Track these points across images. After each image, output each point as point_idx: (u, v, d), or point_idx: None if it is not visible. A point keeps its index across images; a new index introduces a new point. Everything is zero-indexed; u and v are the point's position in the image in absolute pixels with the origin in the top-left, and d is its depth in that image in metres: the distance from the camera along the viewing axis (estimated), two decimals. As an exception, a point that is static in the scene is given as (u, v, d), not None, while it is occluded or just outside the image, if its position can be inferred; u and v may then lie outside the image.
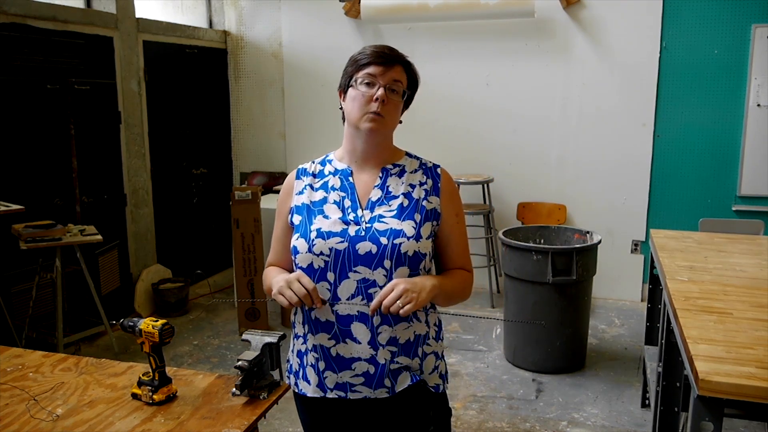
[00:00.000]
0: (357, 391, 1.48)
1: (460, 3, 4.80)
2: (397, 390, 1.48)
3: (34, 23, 3.86)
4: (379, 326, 1.45)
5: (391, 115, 1.49)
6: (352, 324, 1.45)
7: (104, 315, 3.91)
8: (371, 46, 1.50)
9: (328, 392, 1.50)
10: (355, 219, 1.48)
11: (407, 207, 1.50)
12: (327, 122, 5.43)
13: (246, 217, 4.24)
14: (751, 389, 1.47)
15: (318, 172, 1.58)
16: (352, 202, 1.50)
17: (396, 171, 1.55)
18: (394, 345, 1.47)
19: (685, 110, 4.65)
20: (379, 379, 1.47)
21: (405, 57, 1.52)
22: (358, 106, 1.47)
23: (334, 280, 1.45)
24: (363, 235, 1.45)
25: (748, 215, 4.47)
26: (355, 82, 1.47)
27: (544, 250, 3.53)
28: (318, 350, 1.49)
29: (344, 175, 1.55)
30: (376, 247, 1.43)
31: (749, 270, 2.45)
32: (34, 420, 1.39)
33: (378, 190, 1.52)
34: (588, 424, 3.15)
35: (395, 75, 1.47)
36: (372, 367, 1.46)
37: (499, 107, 5.05)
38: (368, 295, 1.44)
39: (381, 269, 1.44)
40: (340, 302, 1.45)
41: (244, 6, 5.64)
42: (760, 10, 4.38)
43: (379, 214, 1.48)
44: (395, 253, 1.43)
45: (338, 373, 1.48)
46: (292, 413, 3.16)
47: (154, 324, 1.47)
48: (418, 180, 1.54)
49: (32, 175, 3.93)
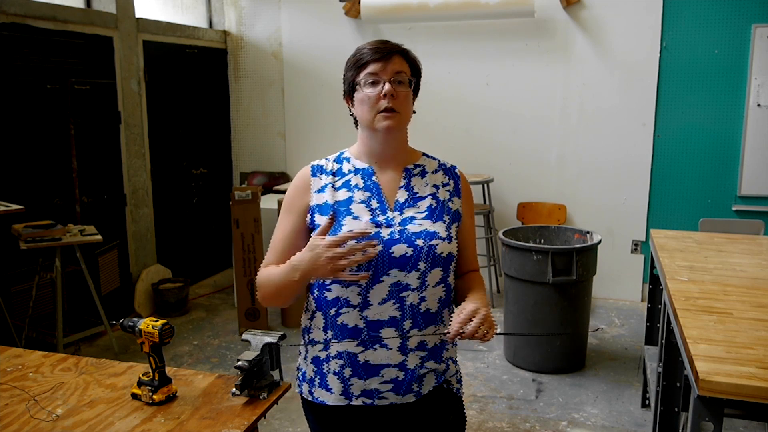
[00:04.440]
0: (384, 397, 1.45)
1: (460, 3, 4.80)
2: (423, 392, 1.46)
3: (34, 23, 3.86)
4: (409, 330, 1.42)
5: (404, 107, 1.45)
6: (382, 329, 1.41)
7: (104, 315, 3.91)
8: (365, 45, 1.47)
9: (354, 400, 1.46)
10: (386, 221, 1.43)
11: (436, 208, 1.47)
12: (327, 122, 5.44)
13: (246, 217, 4.24)
14: (751, 389, 1.47)
15: (337, 170, 1.51)
16: (380, 204, 1.46)
17: (418, 171, 1.52)
18: (423, 349, 1.45)
19: (685, 110, 4.65)
20: (407, 385, 1.44)
21: (401, 46, 1.49)
22: (368, 107, 1.43)
23: (366, 284, 1.40)
24: (397, 238, 1.41)
25: (748, 215, 4.47)
26: (359, 84, 1.44)
27: (544, 250, 3.52)
28: (344, 357, 1.44)
29: (366, 174, 1.49)
30: (412, 249, 1.40)
31: (749, 270, 2.45)
32: (34, 420, 1.39)
33: (404, 191, 1.48)
34: (588, 424, 3.15)
35: (396, 66, 1.44)
36: (401, 373, 1.43)
37: (499, 107, 5.05)
38: (400, 299, 1.40)
39: (415, 272, 1.41)
40: (370, 307, 1.41)
41: (244, 6, 5.64)
42: (760, 10, 4.38)
43: (411, 216, 1.45)
44: (431, 254, 1.41)
45: (365, 380, 1.44)
46: (293, 413, 3.16)
47: (154, 324, 1.47)
48: (440, 181, 1.53)
49: (32, 175, 3.93)
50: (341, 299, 1.42)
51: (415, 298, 1.41)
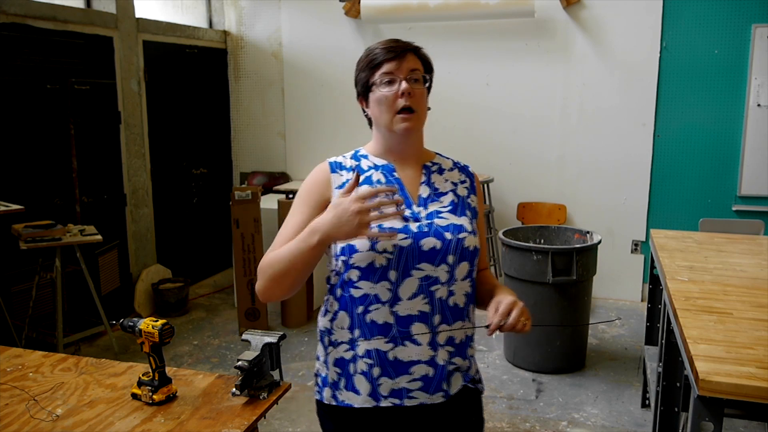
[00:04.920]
0: (413, 397, 1.42)
1: (460, 3, 4.80)
2: (452, 392, 1.45)
3: (34, 23, 3.86)
4: (439, 325, 1.40)
5: (421, 105, 1.45)
6: (412, 325, 1.39)
7: (104, 315, 3.91)
8: (378, 44, 1.46)
9: (382, 401, 1.42)
10: (413, 215, 1.43)
11: (458, 203, 1.48)
12: (327, 122, 5.43)
13: (246, 217, 4.24)
14: (751, 389, 1.47)
15: (356, 167, 1.50)
16: (405, 198, 1.45)
17: (435, 168, 1.53)
18: (452, 345, 1.44)
19: (685, 110, 4.65)
20: (437, 383, 1.42)
21: (413, 44, 1.48)
22: (385, 107, 1.43)
23: (396, 279, 1.38)
24: (426, 230, 1.40)
25: (748, 215, 4.47)
26: (374, 85, 1.43)
27: (544, 250, 3.52)
28: (373, 355, 1.40)
29: (387, 171, 1.49)
30: (441, 242, 1.40)
31: (749, 270, 2.45)
32: (34, 420, 1.39)
33: (425, 187, 1.49)
34: (588, 424, 3.15)
35: (411, 64, 1.43)
36: (431, 369, 1.41)
37: (499, 107, 5.05)
38: (430, 293, 1.39)
39: (444, 265, 1.40)
40: (400, 302, 1.39)
41: (244, 6, 5.64)
42: (760, 10, 4.38)
43: (436, 210, 1.45)
44: (459, 247, 1.41)
45: (395, 378, 1.41)
46: (292, 413, 3.16)
47: (154, 324, 1.47)
48: (458, 178, 1.54)
49: (32, 175, 3.93)
50: (370, 296, 1.39)
51: (444, 293, 1.41)
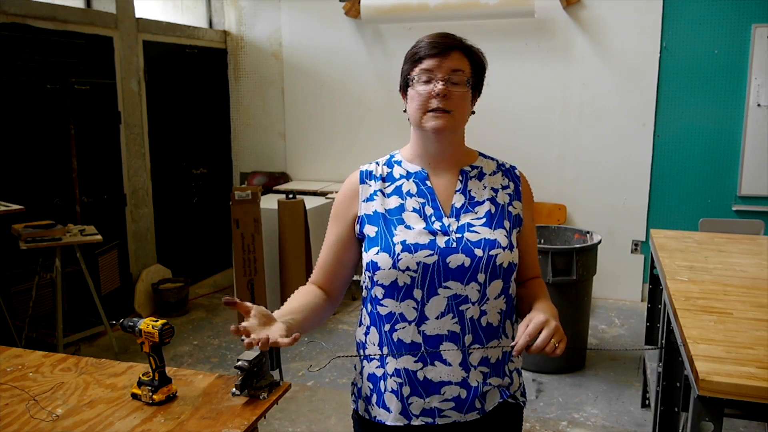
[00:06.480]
0: (446, 416, 1.35)
1: (460, 3, 4.80)
2: (488, 409, 1.38)
3: (34, 23, 3.86)
4: (470, 345, 1.32)
5: (459, 108, 1.34)
6: (441, 345, 1.31)
7: (104, 315, 3.91)
8: (426, 37, 1.36)
9: (413, 419, 1.36)
10: (443, 228, 1.33)
11: (495, 214, 1.37)
12: (327, 122, 5.43)
13: (246, 217, 4.24)
14: (751, 389, 1.46)
15: (387, 175, 1.42)
16: (435, 210, 1.36)
17: (475, 173, 1.42)
18: (486, 365, 1.35)
19: (685, 110, 4.65)
20: (471, 404, 1.35)
21: (464, 41, 1.36)
22: (417, 105, 1.34)
23: (421, 298, 1.30)
24: (454, 246, 1.31)
25: (748, 215, 4.47)
26: (412, 80, 1.35)
27: (544, 250, 3.52)
28: (402, 374, 1.34)
29: (420, 179, 1.40)
30: (470, 259, 1.30)
31: (749, 270, 2.45)
32: (34, 420, 1.39)
33: (460, 195, 1.38)
34: (588, 424, 3.15)
35: (453, 64, 1.32)
36: (464, 390, 1.34)
37: (499, 107, 5.04)
38: (459, 312, 1.30)
39: (474, 283, 1.30)
40: (427, 321, 1.31)
41: (244, 6, 5.64)
42: (760, 10, 4.38)
43: (468, 223, 1.35)
44: (490, 265, 1.31)
45: (425, 398, 1.34)
46: (292, 413, 3.16)
47: (154, 324, 1.47)
48: (499, 183, 1.43)
49: (32, 175, 3.93)
50: (396, 314, 1.33)
51: (476, 312, 1.32)
